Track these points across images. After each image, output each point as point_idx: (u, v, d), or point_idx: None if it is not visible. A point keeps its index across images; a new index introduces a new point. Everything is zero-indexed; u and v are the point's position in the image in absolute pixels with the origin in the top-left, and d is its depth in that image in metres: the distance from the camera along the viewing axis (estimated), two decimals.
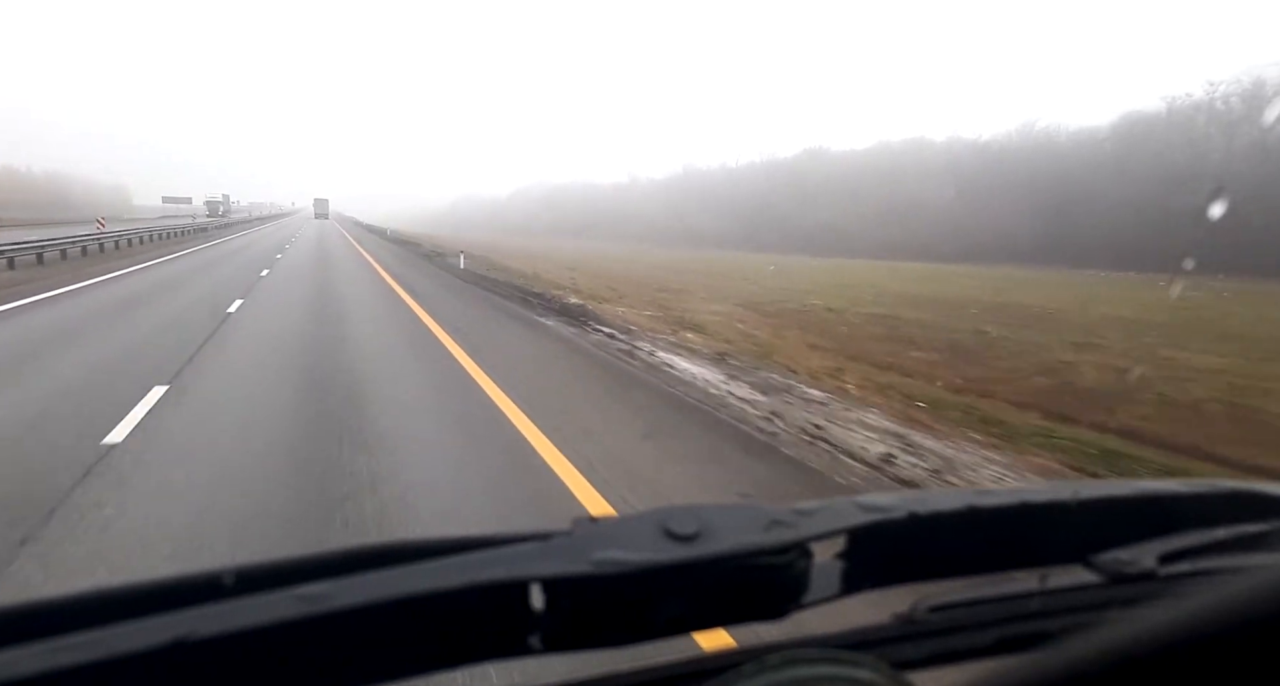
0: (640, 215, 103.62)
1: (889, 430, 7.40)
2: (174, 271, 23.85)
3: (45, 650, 0.40)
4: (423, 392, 8.35)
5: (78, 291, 17.37)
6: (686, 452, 6.45)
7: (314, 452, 5.81)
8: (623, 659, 0.55)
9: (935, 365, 13.27)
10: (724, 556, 0.51)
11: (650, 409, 7.99)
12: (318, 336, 11.89)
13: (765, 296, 25.59)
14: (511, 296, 18.68)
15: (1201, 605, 0.34)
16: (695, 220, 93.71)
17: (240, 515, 4.56)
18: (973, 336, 17.72)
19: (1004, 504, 0.62)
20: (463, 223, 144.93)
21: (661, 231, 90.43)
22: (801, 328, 17.44)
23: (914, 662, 0.60)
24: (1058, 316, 23.00)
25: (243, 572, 0.47)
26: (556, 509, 4.87)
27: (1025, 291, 32.00)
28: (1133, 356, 15.24)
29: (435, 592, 0.46)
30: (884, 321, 20.20)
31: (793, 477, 5.84)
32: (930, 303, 25.81)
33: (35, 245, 25.04)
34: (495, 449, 6.21)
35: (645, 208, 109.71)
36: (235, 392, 8.02)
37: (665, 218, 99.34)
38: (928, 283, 35.92)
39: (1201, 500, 0.69)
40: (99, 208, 79.43)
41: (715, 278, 34.40)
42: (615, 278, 29.72)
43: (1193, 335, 18.31)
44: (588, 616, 0.50)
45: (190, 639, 0.42)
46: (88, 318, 13.39)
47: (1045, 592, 0.64)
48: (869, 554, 0.58)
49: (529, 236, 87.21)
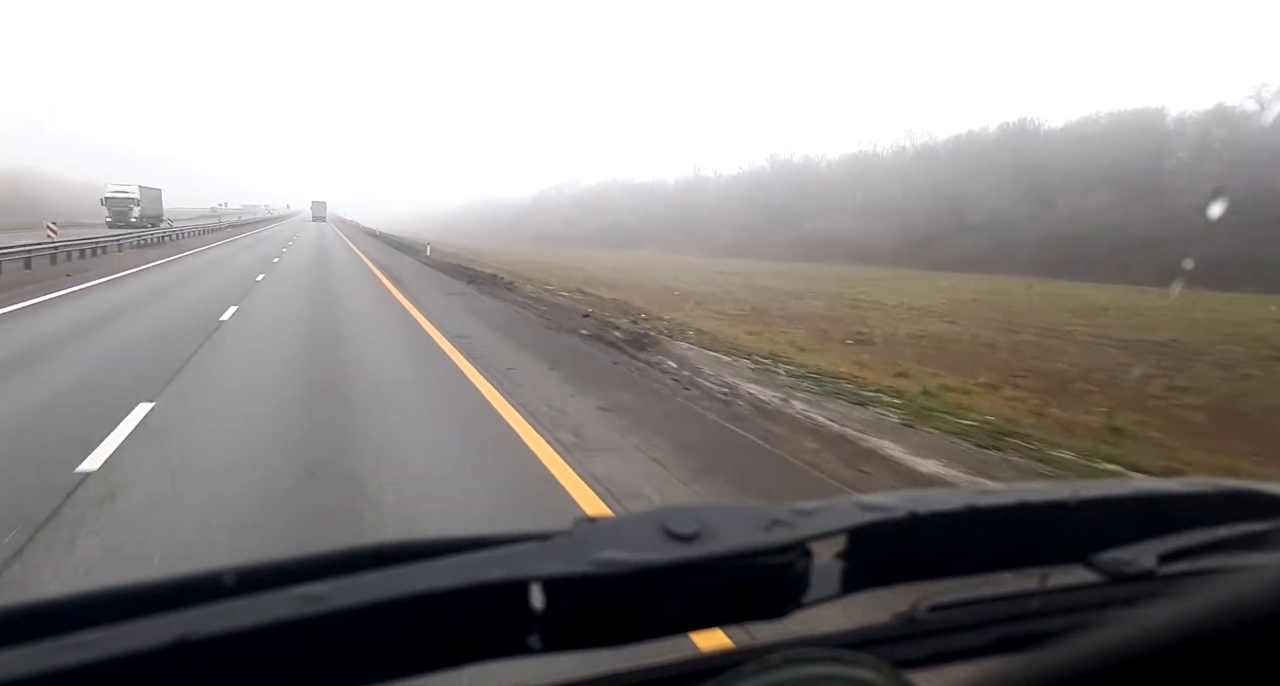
0: (717, 217, 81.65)
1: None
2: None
3: (46, 650, 0.40)
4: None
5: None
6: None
7: None
8: (623, 659, 0.55)
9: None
10: (724, 556, 0.51)
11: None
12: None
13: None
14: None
15: (1201, 605, 0.34)
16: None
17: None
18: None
19: (1004, 504, 0.62)
20: (476, 229, 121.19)
21: (745, 237, 69.35)
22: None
23: (914, 662, 0.60)
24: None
25: (243, 572, 0.47)
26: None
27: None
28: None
29: (435, 592, 0.46)
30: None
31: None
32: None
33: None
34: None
35: (726, 206, 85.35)
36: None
37: (745, 220, 77.35)
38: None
39: (1201, 500, 0.69)
40: (66, 211, 62.49)
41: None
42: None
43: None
44: (588, 616, 0.50)
45: (191, 638, 0.42)
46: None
47: (1045, 592, 0.64)
48: (869, 553, 0.59)
49: (570, 246, 74.94)
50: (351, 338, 12.63)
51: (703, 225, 79.64)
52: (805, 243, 61.97)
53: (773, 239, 66.08)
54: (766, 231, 70.08)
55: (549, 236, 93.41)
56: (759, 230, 71.10)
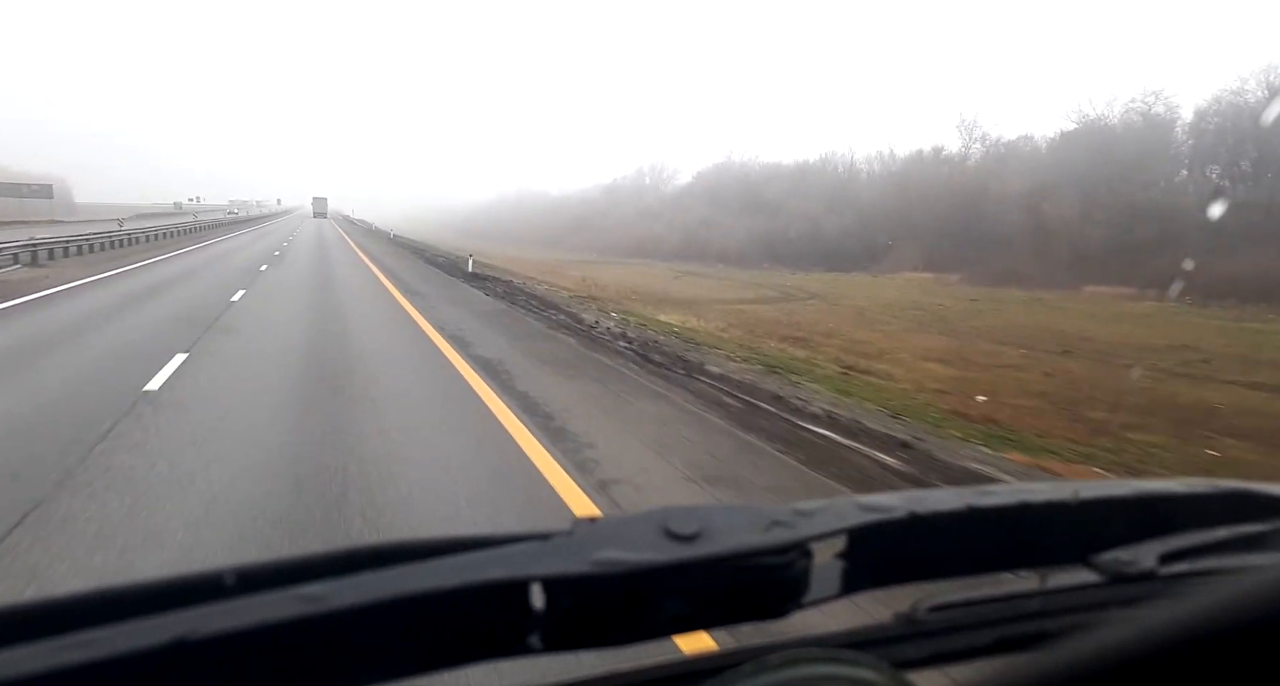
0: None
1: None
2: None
3: (46, 650, 0.40)
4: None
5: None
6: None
7: None
8: (623, 659, 0.55)
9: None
10: (724, 556, 0.51)
11: None
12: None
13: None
14: None
15: (1201, 605, 0.34)
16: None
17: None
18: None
19: (1004, 504, 0.62)
20: (511, 232, 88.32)
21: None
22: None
23: (914, 662, 0.60)
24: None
25: (243, 572, 0.47)
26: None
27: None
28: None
29: (435, 592, 0.46)
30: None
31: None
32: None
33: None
34: None
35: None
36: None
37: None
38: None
39: (1201, 500, 0.69)
40: (20, 208, 57.08)
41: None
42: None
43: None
44: (588, 616, 0.50)
45: (191, 638, 0.42)
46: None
47: (1045, 592, 0.64)
48: (869, 554, 0.59)
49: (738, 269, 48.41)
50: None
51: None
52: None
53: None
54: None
55: (647, 249, 62.89)
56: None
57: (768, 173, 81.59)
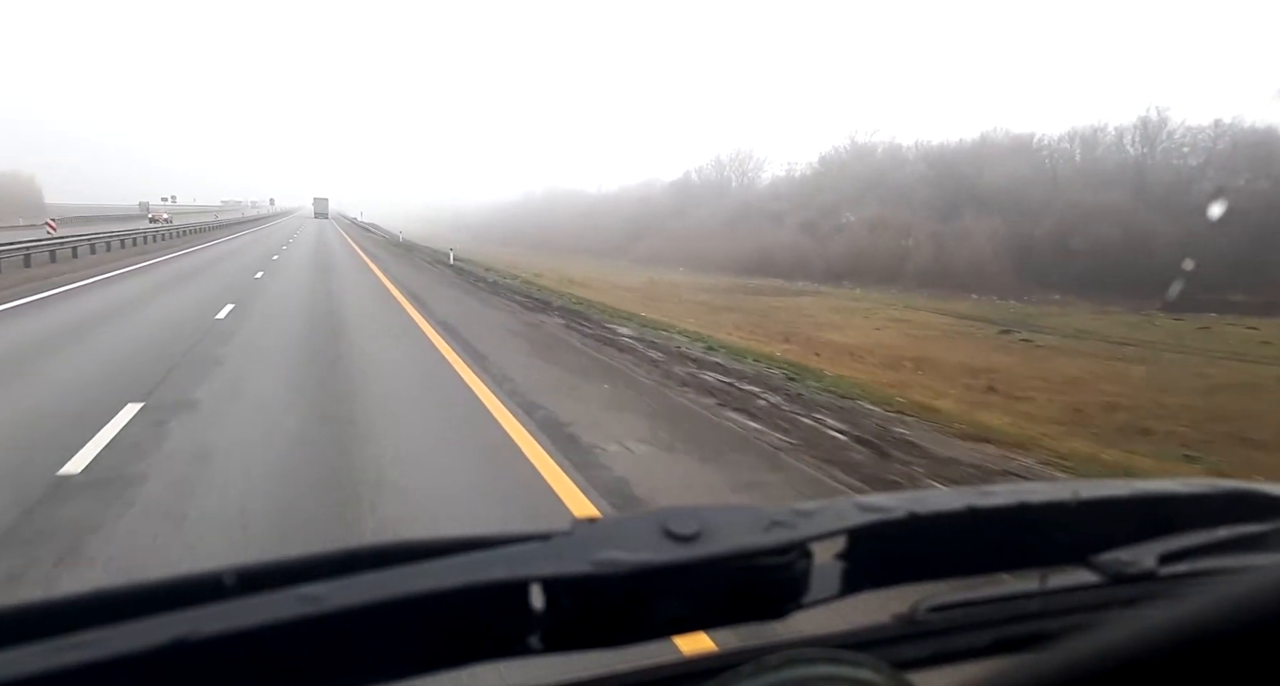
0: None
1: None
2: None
3: (46, 650, 0.40)
4: None
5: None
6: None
7: None
8: (623, 659, 0.55)
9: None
10: (724, 556, 0.51)
11: None
12: None
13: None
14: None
15: (1201, 605, 0.34)
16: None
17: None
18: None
19: (1004, 504, 0.62)
20: (530, 238, 70.35)
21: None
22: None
23: (914, 662, 0.60)
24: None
25: (244, 572, 0.47)
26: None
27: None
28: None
29: (435, 592, 0.46)
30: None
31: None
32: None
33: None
34: None
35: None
36: None
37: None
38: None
39: (1201, 500, 0.69)
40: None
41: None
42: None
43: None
44: (587, 616, 0.50)
45: (191, 639, 0.42)
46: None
47: (1045, 593, 0.64)
48: (869, 554, 0.59)
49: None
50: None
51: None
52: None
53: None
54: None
55: (779, 265, 45.93)
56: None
57: (961, 154, 54.91)
